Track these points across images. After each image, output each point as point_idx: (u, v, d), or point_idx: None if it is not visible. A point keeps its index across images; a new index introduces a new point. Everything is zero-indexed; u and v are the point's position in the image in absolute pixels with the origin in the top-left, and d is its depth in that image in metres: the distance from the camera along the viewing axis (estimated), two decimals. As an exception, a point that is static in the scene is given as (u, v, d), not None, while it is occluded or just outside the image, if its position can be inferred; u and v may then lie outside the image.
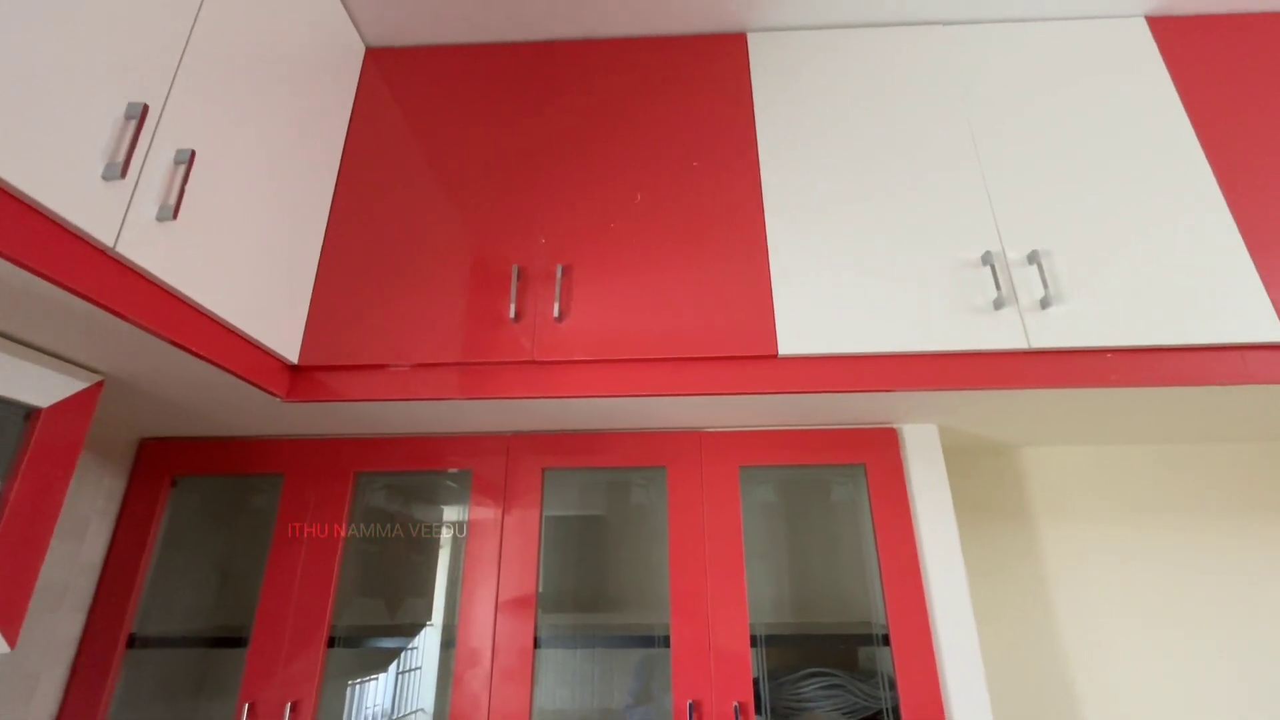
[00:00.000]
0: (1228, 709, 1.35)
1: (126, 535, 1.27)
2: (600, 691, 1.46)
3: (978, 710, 1.11)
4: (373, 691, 1.63)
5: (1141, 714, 1.36)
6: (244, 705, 1.14)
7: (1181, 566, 1.45)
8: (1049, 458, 1.55)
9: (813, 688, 1.25)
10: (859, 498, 1.33)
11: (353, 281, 1.17)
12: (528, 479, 1.27)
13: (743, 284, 1.14)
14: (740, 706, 1.10)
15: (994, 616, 1.42)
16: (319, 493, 1.29)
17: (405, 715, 1.65)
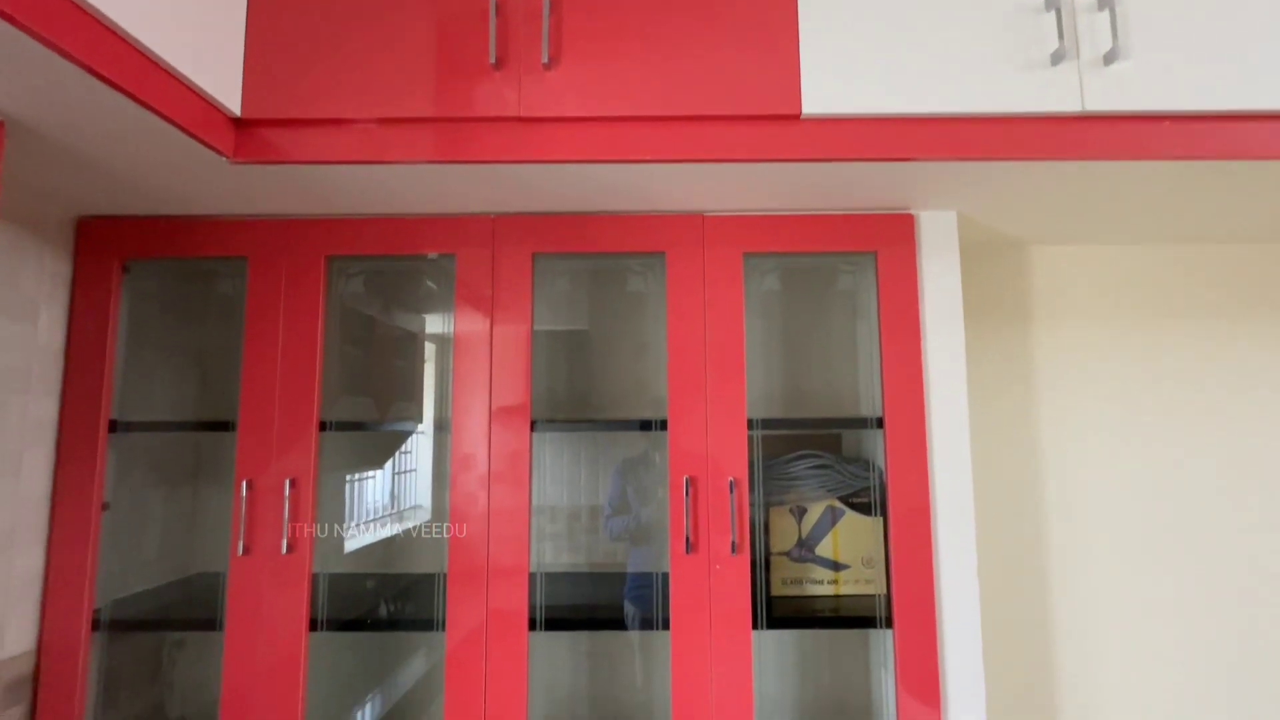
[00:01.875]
0: (1210, 515, 1.45)
1: (84, 321, 1.18)
2: (588, 490, 1.52)
3: (960, 490, 1.16)
4: (371, 489, 1.69)
5: (1109, 519, 1.46)
6: (241, 482, 1.14)
7: (1179, 375, 1.47)
8: (1059, 257, 1.49)
9: (802, 467, 1.29)
10: (866, 288, 1.27)
11: (297, 12, 0.96)
12: (517, 265, 1.18)
13: (764, 28, 0.96)
14: (735, 482, 1.13)
15: (984, 416, 1.45)
16: (290, 279, 1.19)
17: (404, 510, 1.74)
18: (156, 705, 1.36)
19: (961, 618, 1.14)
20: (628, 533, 1.46)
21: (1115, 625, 1.43)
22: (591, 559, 1.46)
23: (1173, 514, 1.45)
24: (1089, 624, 1.43)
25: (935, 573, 1.15)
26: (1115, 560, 1.44)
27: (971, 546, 1.16)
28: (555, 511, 1.51)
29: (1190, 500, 1.45)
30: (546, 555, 1.48)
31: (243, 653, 1.12)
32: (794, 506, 1.30)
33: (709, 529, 1.13)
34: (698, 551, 1.13)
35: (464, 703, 1.11)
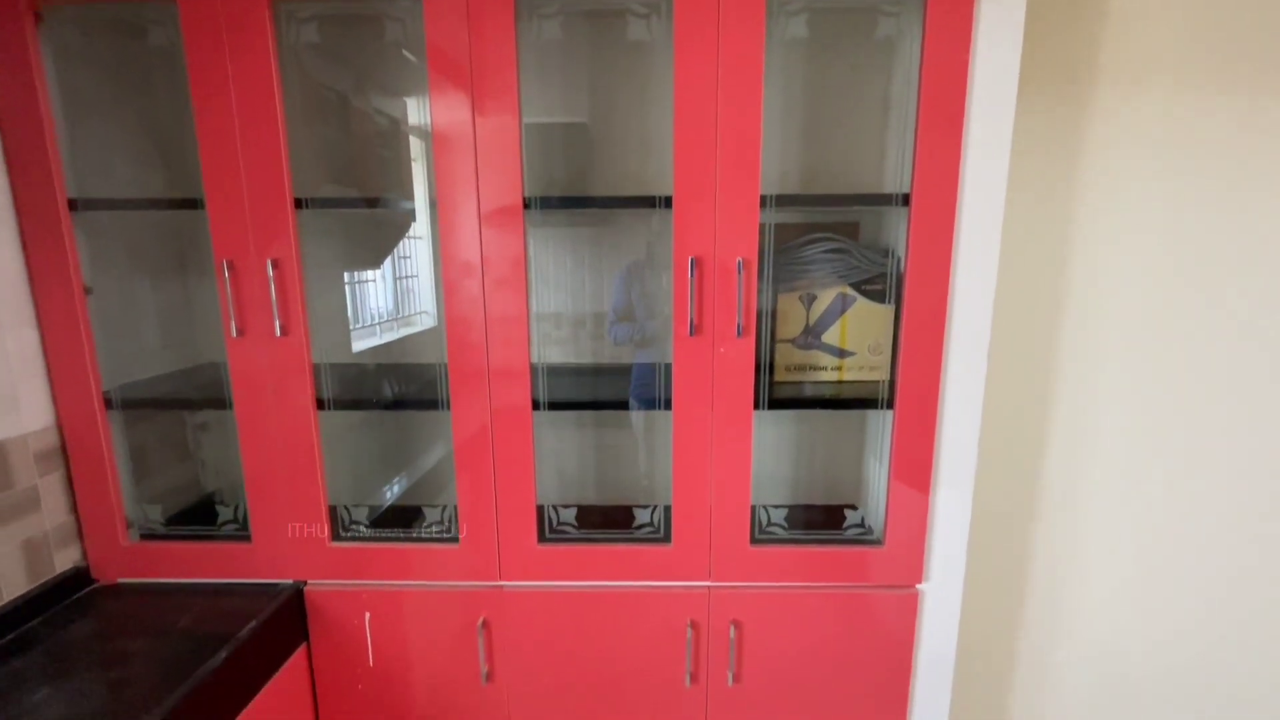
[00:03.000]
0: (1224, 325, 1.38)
1: (2, 77, 1.04)
2: (593, 297, 1.46)
3: (983, 277, 1.08)
4: (374, 294, 1.64)
5: (1128, 323, 1.39)
6: (222, 263, 1.08)
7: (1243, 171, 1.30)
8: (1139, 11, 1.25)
9: (816, 251, 1.21)
10: (908, 36, 1.08)
11: None
12: (497, 7, 0.99)
13: None
14: (744, 263, 1.06)
15: (1016, 202, 1.33)
16: (231, 27, 1.01)
17: (409, 315, 1.71)
18: (191, 479, 1.46)
19: (963, 407, 1.14)
20: (632, 341, 1.43)
21: (1111, 444, 1.45)
22: (598, 360, 1.45)
23: (1195, 351, 1.39)
24: (1084, 439, 1.45)
25: (944, 360, 1.12)
26: (1122, 377, 1.42)
27: (985, 337, 1.12)
28: (560, 319, 1.47)
29: (1221, 328, 1.38)
30: (550, 358, 1.47)
31: (255, 431, 1.15)
32: (804, 294, 1.24)
33: (714, 312, 1.09)
34: (702, 334, 1.09)
35: (475, 491, 1.17)
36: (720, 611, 1.21)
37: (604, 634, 1.22)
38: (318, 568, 1.21)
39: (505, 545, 1.19)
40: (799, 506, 1.41)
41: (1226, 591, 1.53)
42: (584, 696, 1.25)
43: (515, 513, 1.18)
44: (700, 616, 1.21)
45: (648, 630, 1.22)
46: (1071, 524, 1.51)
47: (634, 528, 1.25)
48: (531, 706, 1.26)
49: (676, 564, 1.19)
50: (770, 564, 1.19)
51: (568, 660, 1.23)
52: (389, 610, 1.22)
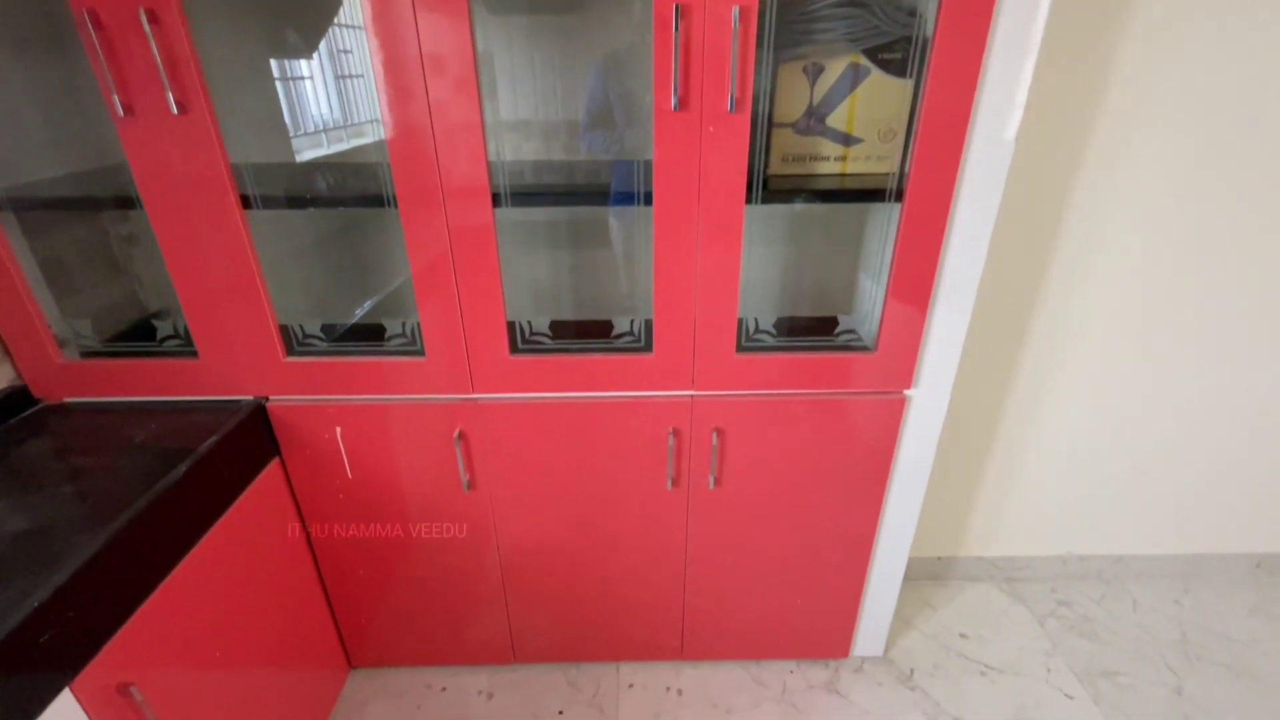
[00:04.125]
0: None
1: None
2: (566, 103, 1.24)
3: (1023, 48, 0.89)
4: (312, 95, 1.39)
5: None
6: (83, 14, 0.86)
7: None
8: None
9: (828, 4, 1.00)
10: None
11: None
12: None
13: None
14: (741, 11, 0.86)
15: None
16: None
17: (359, 124, 1.46)
18: (128, 296, 1.33)
19: (980, 201, 1.01)
20: (609, 152, 1.24)
21: (1110, 279, 1.34)
22: (572, 171, 1.27)
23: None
24: (1086, 274, 1.33)
25: (966, 145, 0.97)
26: (1128, 218, 1.27)
27: (1015, 120, 0.96)
28: (529, 127, 1.26)
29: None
30: (520, 177, 1.28)
31: (176, 233, 1.00)
32: (809, 64, 1.04)
33: (703, 81, 0.90)
34: (688, 109, 0.92)
35: (438, 313, 1.05)
36: (704, 419, 1.18)
37: (585, 443, 1.20)
38: (275, 383, 1.14)
39: (475, 358, 1.11)
40: (787, 315, 1.34)
41: (1190, 417, 1.55)
42: (567, 501, 1.27)
43: (483, 327, 1.09)
44: (683, 425, 1.18)
45: (629, 439, 1.20)
46: (1062, 341, 1.46)
47: (613, 337, 1.17)
48: (515, 510, 1.28)
49: (658, 373, 1.13)
50: (757, 372, 1.14)
51: (549, 468, 1.23)
52: (360, 424, 1.17)
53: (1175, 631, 1.66)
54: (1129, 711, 1.44)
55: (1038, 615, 1.70)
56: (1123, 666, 1.56)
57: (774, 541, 1.33)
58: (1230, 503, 1.72)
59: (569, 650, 1.50)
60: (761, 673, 1.52)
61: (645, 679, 1.51)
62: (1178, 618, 1.70)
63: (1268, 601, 1.75)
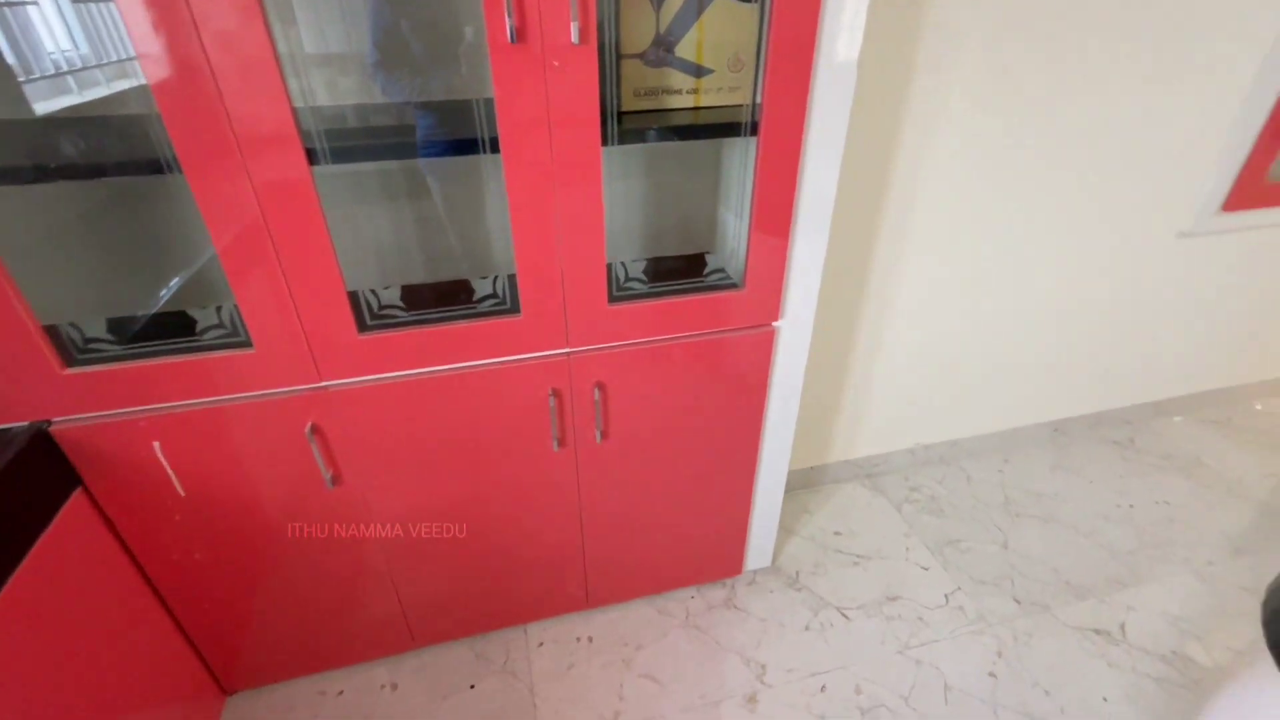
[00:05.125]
0: None
1: None
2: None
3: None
4: (43, 25, 1.06)
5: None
6: None
7: None
8: None
9: (669, -81, 0.92)
10: None
11: None
12: None
13: None
14: (574, -75, 0.76)
15: None
16: None
17: (121, 62, 1.15)
18: None
19: (830, 124, 1.02)
20: (412, 102, 1.07)
21: (938, 192, 1.45)
22: (403, 124, 1.10)
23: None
24: (919, 193, 1.43)
25: (813, 75, 0.97)
26: (951, 141, 1.36)
27: (857, 45, 0.96)
28: (344, 62, 1.07)
29: None
30: (340, 122, 1.10)
31: None
32: (653, -13, 0.97)
33: (541, 9, 0.81)
34: (526, 41, 0.82)
35: (259, 291, 0.89)
36: (583, 376, 1.14)
37: (460, 418, 1.12)
38: (55, 403, 0.92)
39: (317, 341, 0.97)
40: (655, 259, 1.31)
41: (996, 318, 1.77)
42: (448, 478, 1.19)
43: (320, 305, 0.94)
44: (563, 385, 1.13)
45: (507, 406, 1.13)
46: (899, 259, 1.58)
47: (475, 301, 1.08)
48: (391, 498, 1.18)
49: (529, 335, 1.07)
50: (632, 321, 1.11)
51: (424, 449, 1.13)
52: (185, 435, 1.00)
53: (1000, 496, 1.95)
54: (970, 572, 1.69)
55: (895, 503, 1.91)
56: (963, 534, 1.81)
57: (665, 481, 1.35)
58: (1032, 383, 2.01)
59: (473, 624, 1.46)
60: (666, 604, 1.59)
61: (555, 634, 1.51)
62: (1001, 484, 1.99)
63: (1064, 458, 2.10)
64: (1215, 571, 1.70)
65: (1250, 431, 2.24)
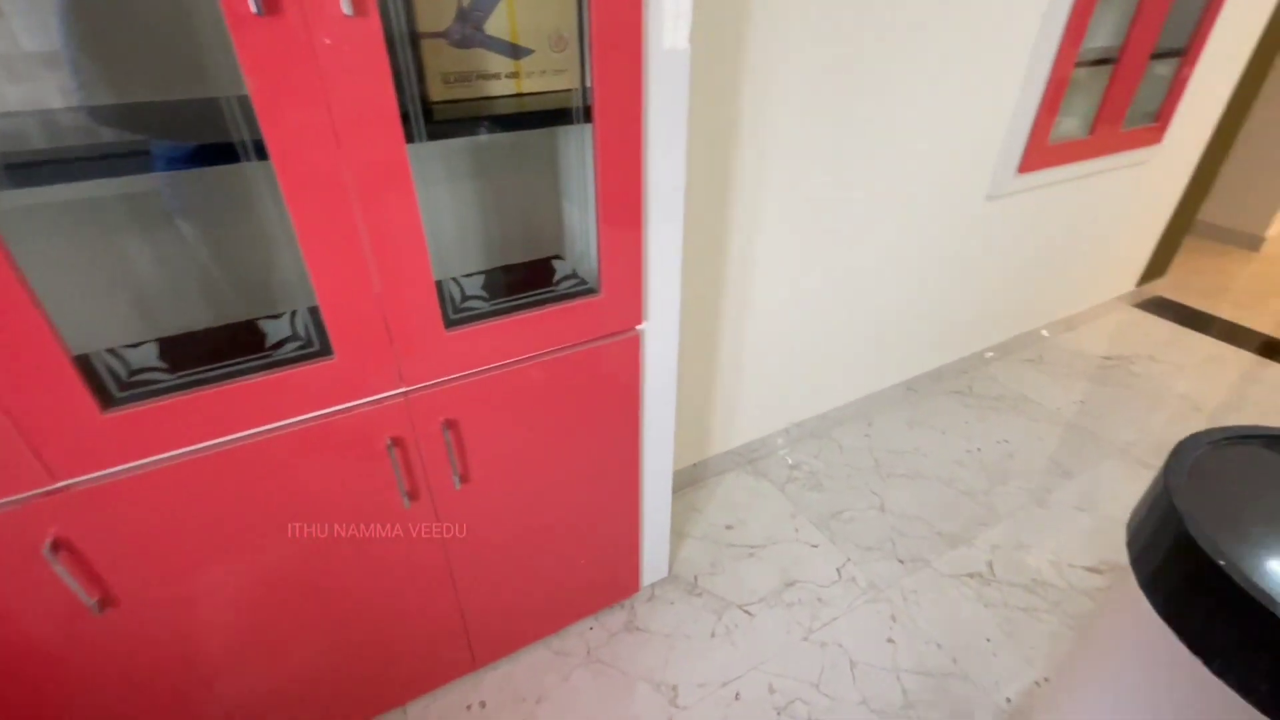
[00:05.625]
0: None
1: None
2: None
3: None
4: None
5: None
6: None
7: None
8: None
9: None
10: None
11: None
12: None
13: None
14: None
15: None
16: None
17: None
18: None
19: (670, 111, 0.93)
20: (129, 89, 0.83)
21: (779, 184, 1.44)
22: (126, 134, 0.84)
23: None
24: (761, 188, 1.41)
25: (644, 51, 0.87)
26: (790, 132, 1.35)
27: (687, 15, 0.88)
28: (52, 59, 0.79)
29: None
30: (24, 142, 0.82)
31: None
32: (445, -49, 0.82)
33: (293, -32, 0.62)
34: (281, 12, 0.63)
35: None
36: (428, 416, 0.96)
37: (275, 492, 0.90)
38: None
39: (37, 430, 0.72)
40: (498, 270, 1.16)
41: (844, 294, 1.83)
42: (266, 568, 0.96)
43: (30, 381, 0.69)
44: (403, 430, 0.95)
45: (337, 467, 0.93)
46: (754, 246, 1.56)
47: (270, 348, 0.86)
48: (188, 610, 0.92)
49: (351, 379, 0.87)
50: (478, 345, 0.95)
51: (229, 540, 0.90)
52: None
53: (870, 460, 2.03)
54: (856, 540, 1.73)
55: (778, 484, 1.92)
56: (844, 504, 1.85)
57: (543, 514, 1.21)
58: (882, 347, 2.12)
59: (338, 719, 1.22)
60: (563, 643, 1.45)
61: (441, 708, 1.32)
62: (869, 448, 2.08)
63: (918, 414, 2.24)
64: (1052, 497, 1.89)
65: (1056, 365, 2.54)
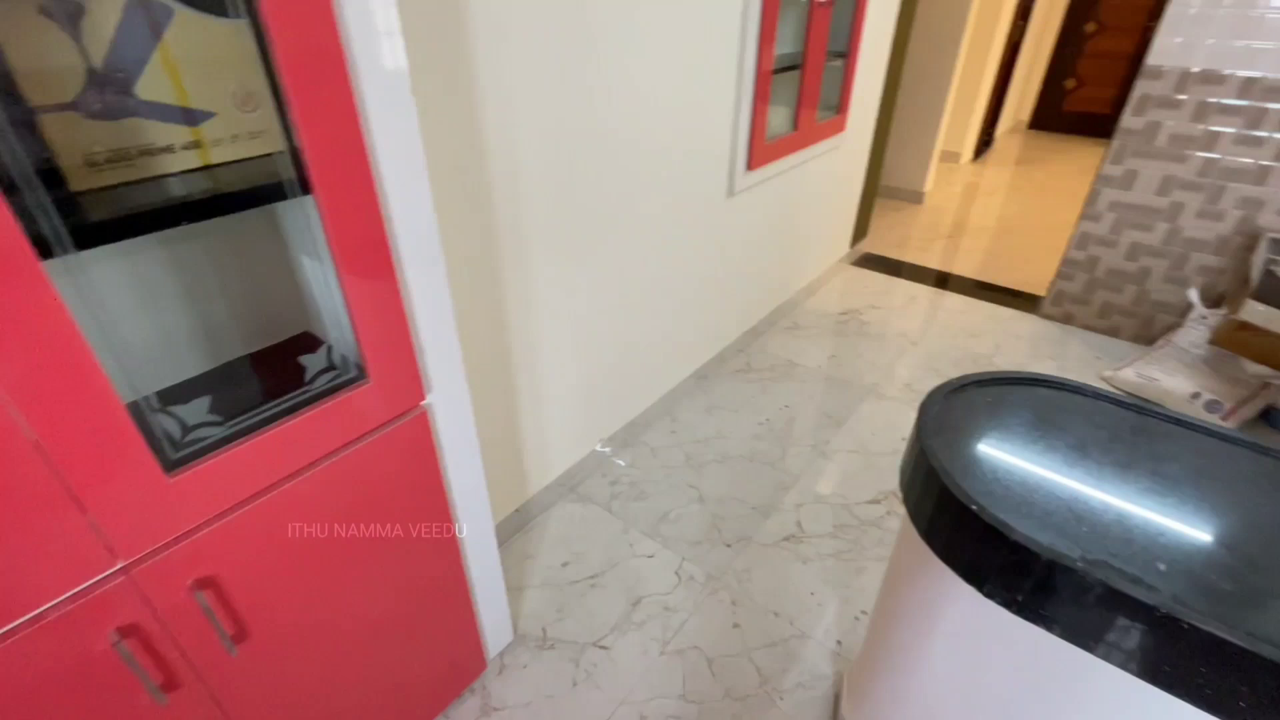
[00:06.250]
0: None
1: None
2: None
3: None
4: None
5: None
6: None
7: None
8: None
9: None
10: None
11: None
12: None
13: None
14: None
15: None
16: None
17: None
18: None
19: (401, 147, 0.83)
20: None
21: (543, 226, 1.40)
22: None
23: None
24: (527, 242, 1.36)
25: (357, 89, 0.76)
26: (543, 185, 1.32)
27: (402, 60, 0.79)
28: None
29: None
30: None
31: None
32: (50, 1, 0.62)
33: None
34: None
35: None
36: (167, 587, 0.75)
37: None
38: None
39: None
40: (233, 368, 0.94)
41: (629, 307, 1.88)
42: None
43: None
44: (134, 614, 0.73)
45: (44, 692, 0.68)
46: (529, 276, 1.51)
47: None
48: None
49: (35, 577, 0.64)
50: (217, 482, 0.76)
51: None
52: None
53: (681, 455, 2.12)
54: (685, 538, 1.80)
55: (604, 504, 1.92)
56: (667, 505, 1.91)
57: (355, 635, 1.04)
58: (671, 342, 2.23)
59: None
60: (413, 759, 1.28)
61: None
62: (678, 444, 2.18)
63: (712, 399, 2.41)
64: (830, 446, 2.16)
65: (809, 327, 2.92)
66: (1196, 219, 2.44)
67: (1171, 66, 2.30)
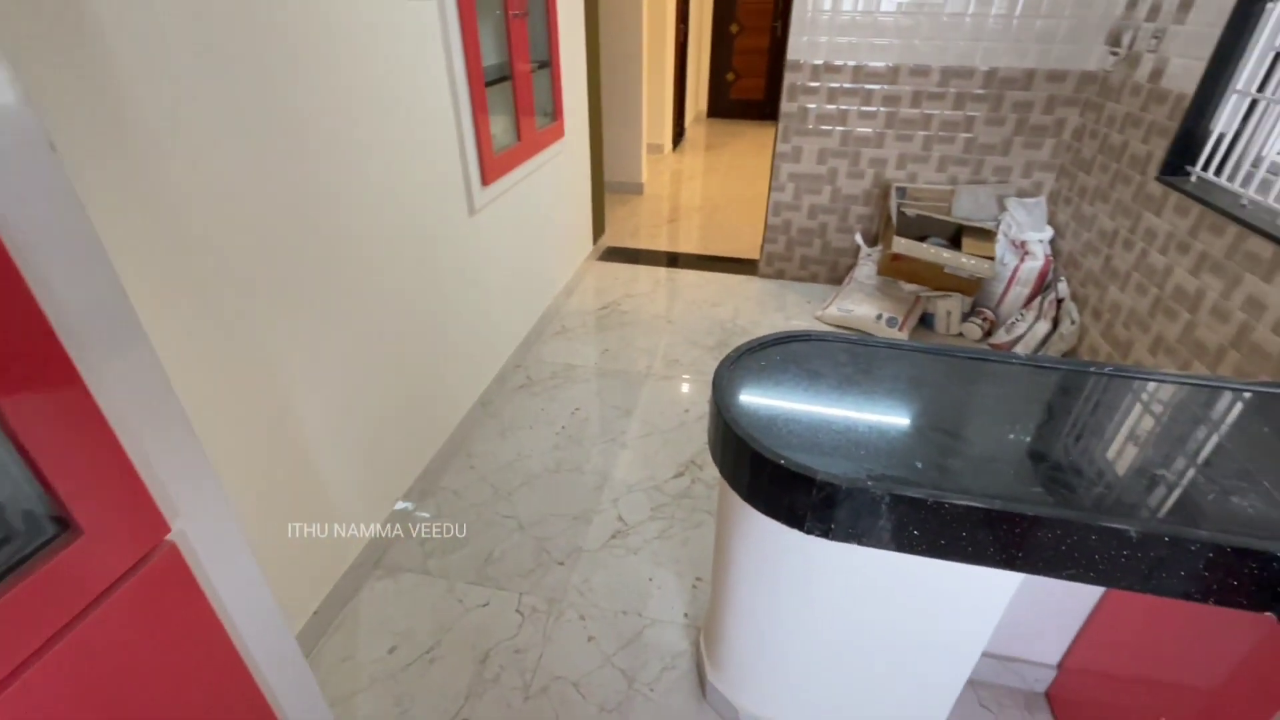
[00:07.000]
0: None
1: None
2: None
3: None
4: None
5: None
6: None
7: None
8: None
9: None
10: None
11: None
12: None
13: None
14: None
15: None
16: None
17: None
18: None
19: (57, 211, 0.63)
20: None
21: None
22: None
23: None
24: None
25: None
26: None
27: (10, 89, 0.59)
28: None
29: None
30: None
31: None
32: None
33: None
34: None
35: None
36: None
37: None
38: None
39: None
40: None
41: (389, 321, 1.72)
42: None
43: None
44: None
45: None
46: (263, 337, 1.28)
47: None
48: None
49: None
50: None
51: None
52: None
53: (487, 489, 2.02)
54: (515, 571, 1.73)
55: (419, 568, 1.74)
56: (488, 545, 1.81)
57: None
58: (437, 379, 2.10)
59: None
60: None
61: None
62: (480, 478, 2.07)
63: (501, 421, 2.33)
64: (627, 435, 2.26)
65: (576, 328, 3.00)
66: (847, 179, 3.07)
67: (805, 60, 2.84)
